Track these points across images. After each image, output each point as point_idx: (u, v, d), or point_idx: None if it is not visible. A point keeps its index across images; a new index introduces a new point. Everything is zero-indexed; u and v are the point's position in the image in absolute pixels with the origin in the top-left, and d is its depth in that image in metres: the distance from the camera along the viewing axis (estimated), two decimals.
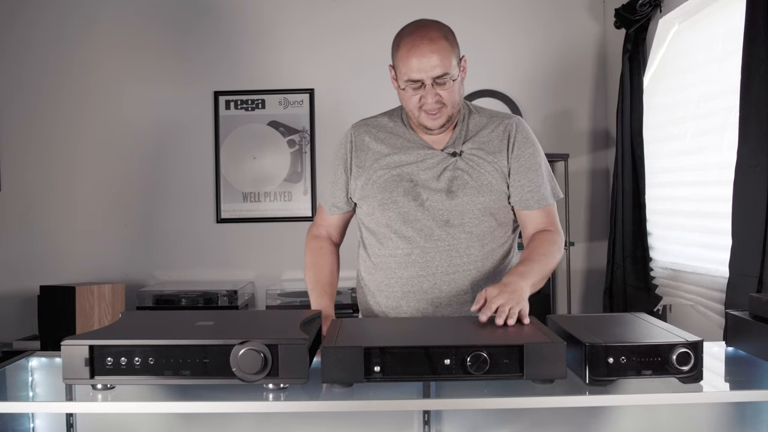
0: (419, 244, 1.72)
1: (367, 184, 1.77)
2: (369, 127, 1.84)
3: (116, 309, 3.44)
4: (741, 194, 2.26)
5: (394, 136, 1.80)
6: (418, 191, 1.73)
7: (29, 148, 3.89)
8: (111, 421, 1.48)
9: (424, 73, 1.63)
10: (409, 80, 1.65)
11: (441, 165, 1.73)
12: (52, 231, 3.89)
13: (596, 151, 3.89)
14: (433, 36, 1.64)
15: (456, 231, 1.72)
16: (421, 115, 1.70)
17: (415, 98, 1.67)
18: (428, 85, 1.64)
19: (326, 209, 1.89)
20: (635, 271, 3.25)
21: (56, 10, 3.88)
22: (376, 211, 1.76)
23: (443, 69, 1.63)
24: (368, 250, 1.82)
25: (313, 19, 3.88)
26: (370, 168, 1.77)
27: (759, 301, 1.42)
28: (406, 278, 1.74)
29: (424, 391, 1.29)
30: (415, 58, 1.63)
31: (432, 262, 1.72)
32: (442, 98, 1.66)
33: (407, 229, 1.73)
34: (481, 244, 1.74)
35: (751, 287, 2.15)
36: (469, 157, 1.74)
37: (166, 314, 1.78)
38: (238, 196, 3.89)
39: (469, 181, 1.72)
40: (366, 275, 1.84)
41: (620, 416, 1.47)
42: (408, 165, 1.75)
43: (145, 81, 3.89)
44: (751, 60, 2.22)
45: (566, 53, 3.86)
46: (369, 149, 1.80)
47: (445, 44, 1.64)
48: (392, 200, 1.73)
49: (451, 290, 1.73)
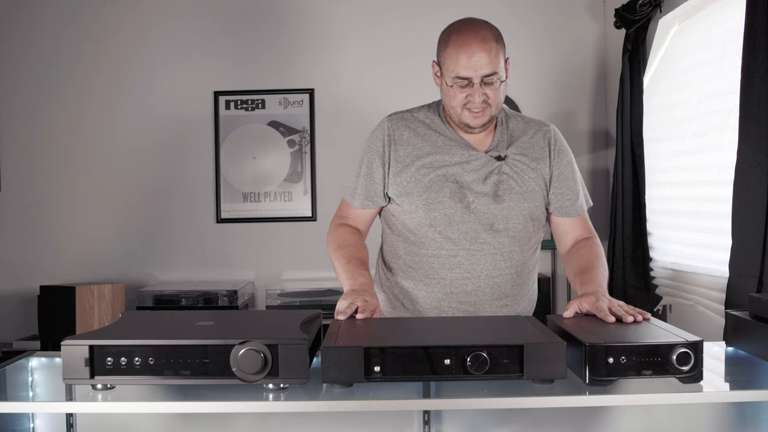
0: (465, 247, 1.72)
1: (410, 182, 1.73)
2: (407, 122, 1.79)
3: (116, 309, 3.44)
4: (741, 194, 2.26)
5: (435, 133, 1.76)
6: (464, 193, 1.71)
7: (29, 149, 3.89)
8: (111, 421, 1.48)
9: (473, 71, 1.62)
10: (458, 77, 1.63)
11: (486, 168, 1.73)
12: (52, 231, 3.89)
13: (596, 151, 3.89)
14: (485, 35, 1.63)
15: (501, 235, 1.72)
16: (464, 113, 1.68)
17: (461, 96, 1.66)
18: (476, 84, 1.63)
19: (357, 203, 1.81)
20: (635, 271, 3.25)
21: (56, 10, 3.88)
22: (419, 211, 1.72)
23: (492, 68, 1.62)
24: (405, 247, 1.78)
25: (313, 19, 3.88)
26: (411, 165, 1.74)
27: (759, 301, 1.42)
28: (450, 279, 1.73)
29: (424, 391, 1.29)
30: (465, 55, 1.61)
31: (477, 264, 1.72)
32: (488, 98, 1.66)
33: (453, 231, 1.72)
34: (521, 248, 1.76)
35: (751, 287, 2.15)
36: (513, 163, 1.74)
37: (166, 314, 1.77)
38: (238, 196, 3.89)
39: (515, 186, 1.73)
40: (400, 272, 1.80)
41: (620, 416, 1.47)
42: (452, 166, 1.72)
43: (145, 81, 3.89)
44: (751, 60, 2.22)
45: (566, 53, 3.86)
46: (408, 144, 1.76)
47: (495, 45, 1.63)
48: (438, 201, 1.71)
49: (493, 292, 1.74)
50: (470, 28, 1.65)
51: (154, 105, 3.89)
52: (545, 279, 3.59)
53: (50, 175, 3.89)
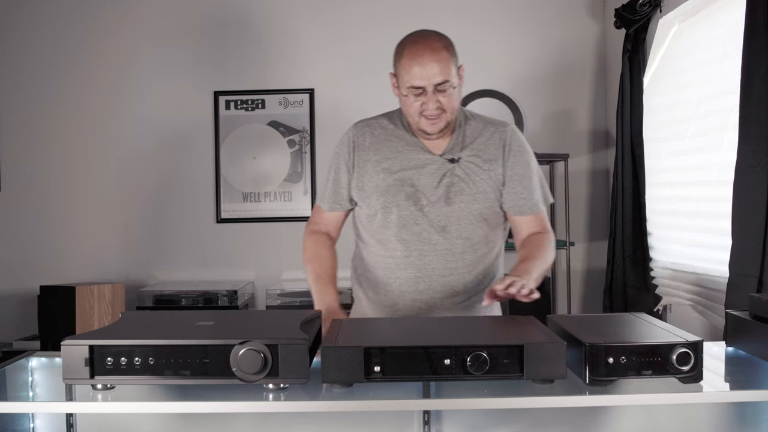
0: (417, 248, 1.80)
1: (370, 186, 1.82)
2: (371, 128, 1.89)
3: (116, 309, 3.44)
4: (741, 194, 2.26)
5: (395, 138, 1.85)
6: (419, 196, 1.79)
7: (29, 148, 3.89)
8: (111, 421, 1.48)
9: (426, 80, 1.70)
10: (412, 87, 1.72)
11: (440, 171, 1.80)
12: (52, 231, 3.89)
13: (596, 151, 3.89)
14: (435, 46, 1.71)
15: (452, 236, 1.79)
16: (421, 121, 1.76)
17: (416, 104, 1.74)
18: (430, 92, 1.71)
19: (325, 207, 1.93)
20: (635, 271, 3.25)
21: (56, 10, 3.88)
22: (378, 214, 1.82)
23: (444, 77, 1.70)
24: (367, 249, 1.89)
25: (313, 20, 3.88)
26: (372, 170, 1.83)
27: (759, 301, 1.42)
28: (404, 279, 1.81)
29: (424, 391, 1.29)
30: (417, 66, 1.69)
31: (429, 264, 1.80)
32: (442, 105, 1.73)
33: (407, 233, 1.80)
34: (474, 249, 1.82)
35: (751, 287, 2.15)
36: (466, 164, 1.81)
37: (166, 314, 1.78)
38: (238, 196, 3.90)
39: (465, 188, 1.79)
40: (362, 271, 1.92)
41: (620, 416, 1.47)
42: (409, 170, 1.81)
43: (145, 81, 3.89)
44: (751, 60, 2.22)
45: (566, 53, 3.86)
46: (370, 150, 1.85)
47: (446, 54, 1.71)
48: (395, 204, 1.80)
49: (445, 291, 1.81)
50: (422, 40, 1.73)
51: (154, 105, 3.89)
52: (545, 279, 3.59)
53: (50, 175, 3.89)
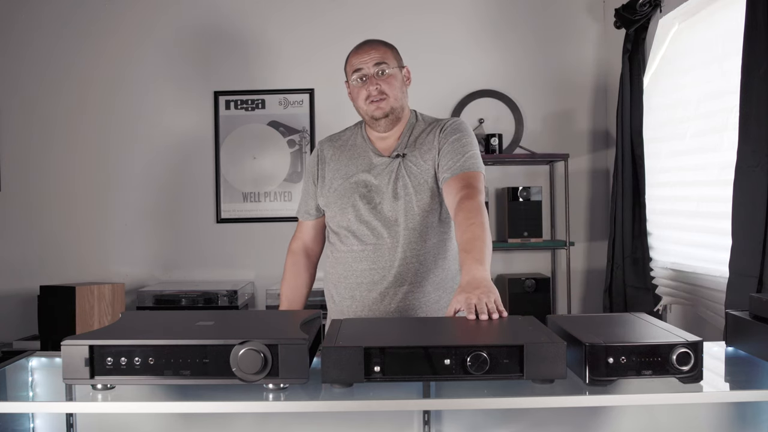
0: (371, 242, 1.93)
1: (330, 192, 2.00)
2: (332, 142, 2.09)
3: (116, 309, 3.44)
4: (741, 194, 2.26)
5: (351, 147, 2.04)
6: (372, 195, 1.95)
7: (29, 148, 3.89)
8: (111, 421, 1.48)
9: (364, 63, 1.93)
10: (354, 71, 1.94)
11: (389, 169, 1.95)
12: (52, 231, 3.89)
13: (596, 151, 3.89)
14: (374, 42, 1.97)
15: (400, 228, 1.91)
16: (369, 107, 1.94)
17: (363, 92, 1.94)
18: (370, 75, 1.92)
19: (300, 216, 2.14)
20: (635, 271, 3.25)
21: (56, 10, 3.88)
22: (337, 215, 1.98)
23: (381, 59, 1.92)
24: (332, 247, 2.04)
25: (313, 20, 3.88)
26: (332, 178, 2.01)
27: (759, 301, 1.42)
28: (360, 271, 1.95)
29: (424, 391, 1.29)
30: (358, 55, 1.96)
31: (381, 257, 1.92)
32: (382, 88, 1.92)
33: (362, 229, 1.94)
34: (423, 239, 1.92)
35: (751, 287, 2.15)
36: (411, 159, 1.95)
37: (166, 314, 1.77)
38: (238, 196, 3.90)
39: (409, 182, 1.92)
40: (330, 269, 2.05)
41: (620, 416, 1.47)
42: (362, 173, 1.97)
43: (145, 81, 3.89)
44: (751, 60, 2.22)
45: (566, 53, 3.86)
46: (332, 161, 2.04)
47: (383, 47, 1.96)
48: (351, 204, 1.96)
49: (396, 281, 1.92)
50: (365, 41, 2.00)
51: (154, 105, 3.89)
52: (545, 279, 3.60)
53: (50, 175, 3.89)
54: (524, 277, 3.60)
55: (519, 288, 3.55)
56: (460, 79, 3.80)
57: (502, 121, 3.84)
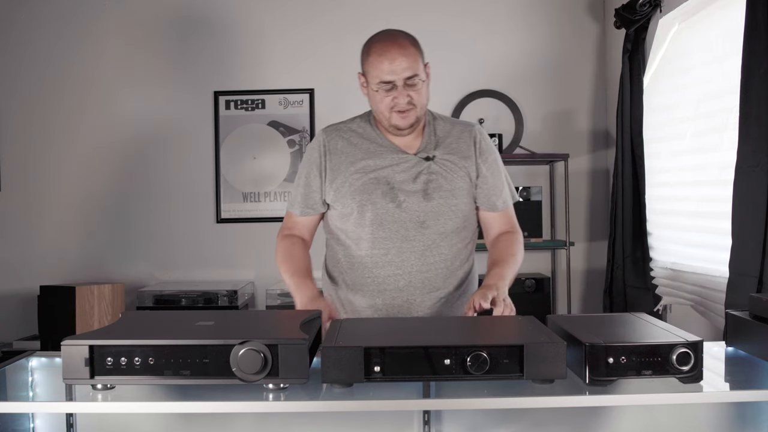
0: (395, 244, 1.82)
1: (343, 187, 1.84)
2: (341, 132, 1.91)
3: (116, 309, 3.44)
4: (741, 194, 2.26)
5: (367, 140, 1.88)
6: (396, 193, 1.82)
7: (29, 149, 3.89)
8: (111, 421, 1.48)
9: (395, 75, 1.74)
10: (382, 82, 1.76)
11: (416, 168, 1.84)
12: (52, 231, 3.89)
13: (596, 151, 3.89)
14: (402, 42, 1.77)
15: (430, 231, 1.83)
16: (393, 116, 1.79)
17: (387, 100, 1.78)
18: (400, 86, 1.76)
19: (297, 212, 1.95)
20: (635, 271, 3.25)
21: (56, 10, 3.88)
22: (354, 213, 1.83)
23: (413, 71, 1.75)
24: (342, 250, 1.90)
25: (313, 20, 3.88)
26: (345, 171, 1.85)
27: (759, 301, 1.42)
28: (383, 277, 1.83)
29: (424, 391, 1.29)
30: (387, 61, 1.74)
31: (408, 261, 1.82)
32: (412, 99, 1.78)
33: (384, 230, 1.82)
34: (450, 244, 1.86)
35: (751, 287, 2.15)
36: (442, 162, 1.85)
37: (166, 314, 1.77)
38: (238, 196, 3.90)
39: (444, 184, 1.84)
40: (338, 275, 1.92)
41: (620, 416, 1.47)
42: (383, 168, 1.84)
43: (145, 81, 3.89)
44: (751, 60, 2.22)
45: (566, 53, 3.86)
46: (342, 153, 1.87)
47: (413, 50, 1.77)
48: (371, 201, 1.82)
49: (424, 287, 1.84)
50: (389, 38, 1.78)
51: (154, 105, 3.89)
52: (545, 279, 3.60)
53: (50, 175, 3.89)
54: (524, 277, 3.60)
55: (519, 288, 3.55)
56: (460, 79, 3.80)
57: (502, 121, 3.84)
